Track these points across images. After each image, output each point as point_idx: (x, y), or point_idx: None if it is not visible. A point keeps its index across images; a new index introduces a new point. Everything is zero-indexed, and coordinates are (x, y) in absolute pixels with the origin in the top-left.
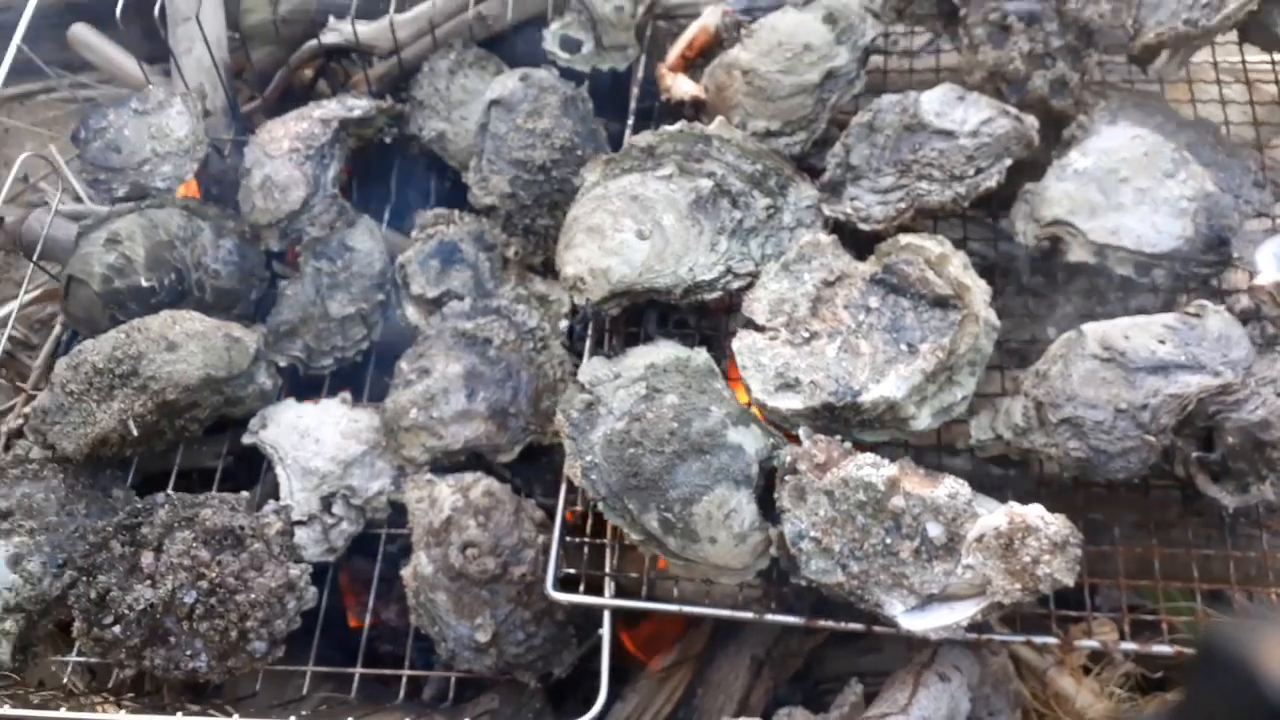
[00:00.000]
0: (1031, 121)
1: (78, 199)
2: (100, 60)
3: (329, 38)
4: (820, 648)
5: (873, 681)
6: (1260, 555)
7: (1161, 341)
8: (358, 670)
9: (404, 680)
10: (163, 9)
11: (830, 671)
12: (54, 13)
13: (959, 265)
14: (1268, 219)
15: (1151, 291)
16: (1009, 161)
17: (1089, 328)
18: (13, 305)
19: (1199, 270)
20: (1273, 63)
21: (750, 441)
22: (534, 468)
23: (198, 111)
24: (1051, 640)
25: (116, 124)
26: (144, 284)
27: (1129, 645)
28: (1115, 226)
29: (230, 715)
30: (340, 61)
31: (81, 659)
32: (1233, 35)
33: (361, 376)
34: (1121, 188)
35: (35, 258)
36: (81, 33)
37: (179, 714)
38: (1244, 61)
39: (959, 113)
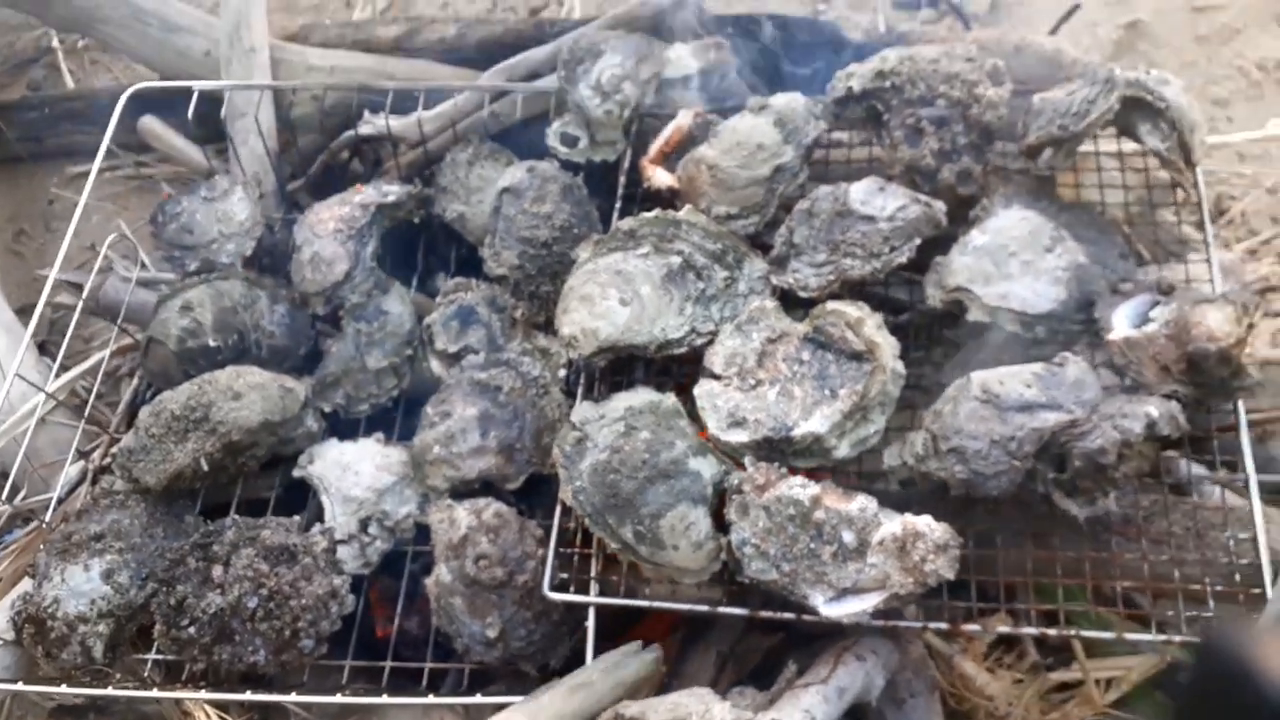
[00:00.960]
0: (940, 206)
1: (143, 267)
2: (164, 146)
3: (365, 129)
4: (777, 648)
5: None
6: (1110, 555)
7: (1028, 386)
8: (388, 664)
9: (426, 672)
10: (225, 109)
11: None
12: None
13: (873, 326)
14: (1130, 284)
15: (1035, 344)
16: (919, 241)
17: (975, 375)
18: (100, 356)
19: (1071, 328)
20: (1143, 154)
21: (706, 468)
22: (536, 494)
23: (255, 198)
24: (943, 625)
25: (189, 209)
26: (211, 344)
27: (973, 626)
28: (1005, 292)
29: (288, 693)
30: (372, 145)
31: (160, 656)
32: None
33: (393, 419)
34: (1010, 260)
35: (119, 320)
36: (150, 124)
37: (247, 691)
38: (1120, 152)
39: (879, 201)
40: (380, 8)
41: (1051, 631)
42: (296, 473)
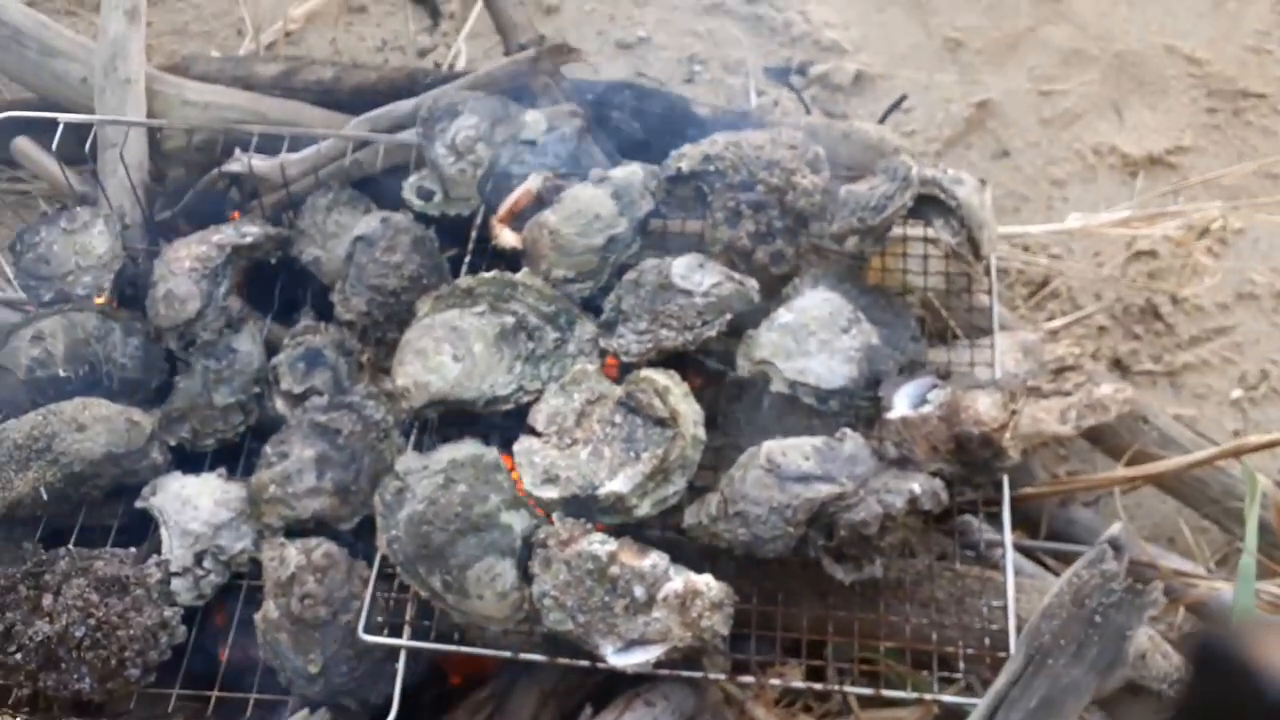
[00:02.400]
0: (753, 284)
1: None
2: (38, 169)
3: (231, 167)
4: (599, 687)
5: None
6: (877, 616)
7: (807, 458)
8: (215, 694)
9: (251, 703)
10: (94, 140)
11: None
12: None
13: (679, 395)
14: (919, 365)
15: (830, 415)
16: (729, 316)
17: (765, 444)
18: None
19: (860, 403)
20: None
21: (519, 522)
22: (370, 534)
23: (117, 231)
24: (720, 676)
25: (47, 240)
26: (61, 374)
27: (747, 678)
28: (803, 367)
29: None
30: (241, 183)
31: None
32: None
33: (239, 453)
34: (810, 339)
35: None
36: (24, 145)
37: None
38: (925, 239)
39: (697, 276)
40: (267, 42)
41: (817, 686)
42: (139, 504)
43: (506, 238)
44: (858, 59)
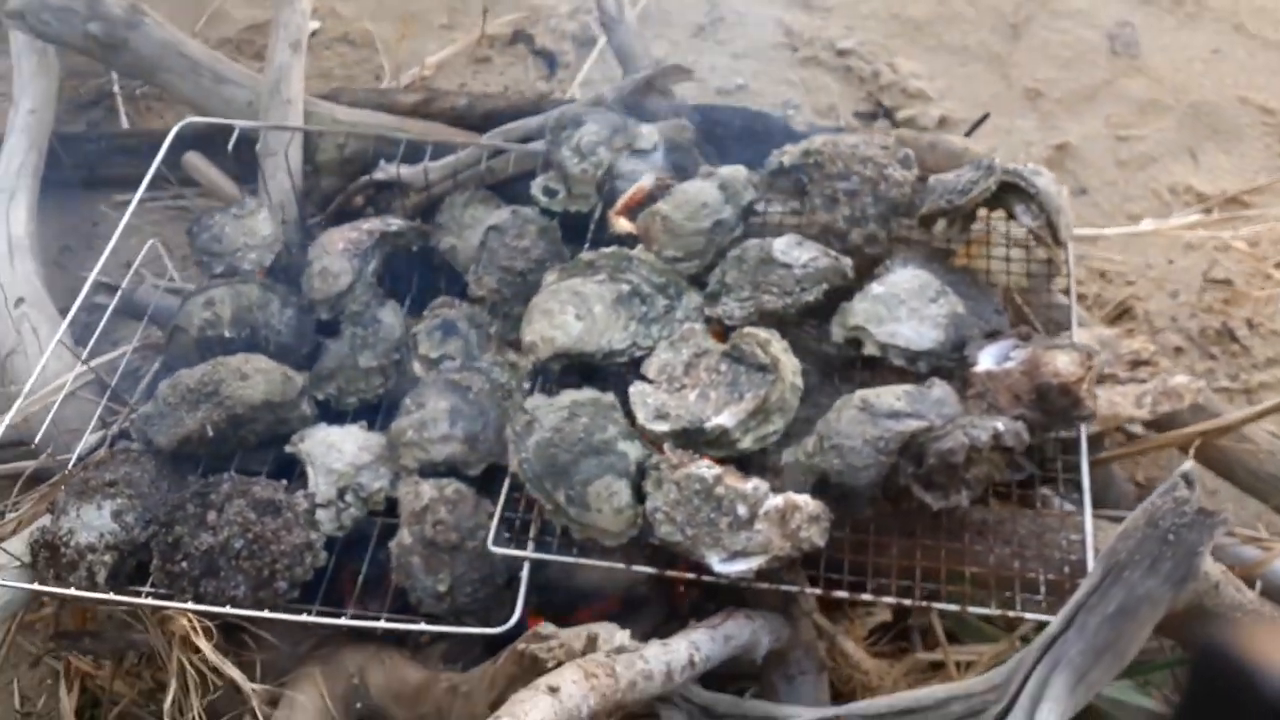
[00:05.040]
0: (847, 262)
1: (170, 280)
2: (204, 179)
3: (379, 175)
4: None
5: None
6: (962, 546)
7: (898, 399)
8: (348, 614)
9: (382, 622)
10: (260, 146)
11: None
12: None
13: (779, 347)
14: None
15: (917, 377)
16: (826, 286)
17: (858, 392)
18: (126, 348)
19: (947, 363)
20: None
21: (633, 451)
22: (494, 483)
23: (278, 220)
24: (805, 589)
25: (220, 223)
26: (227, 335)
27: (841, 593)
28: (893, 331)
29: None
30: (383, 192)
31: (153, 590)
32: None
33: (376, 415)
34: (900, 307)
35: (145, 319)
36: (193, 158)
37: (227, 605)
38: (1007, 236)
39: (796, 252)
40: (403, 84)
41: (907, 601)
42: (288, 448)
43: (622, 225)
44: (942, 105)
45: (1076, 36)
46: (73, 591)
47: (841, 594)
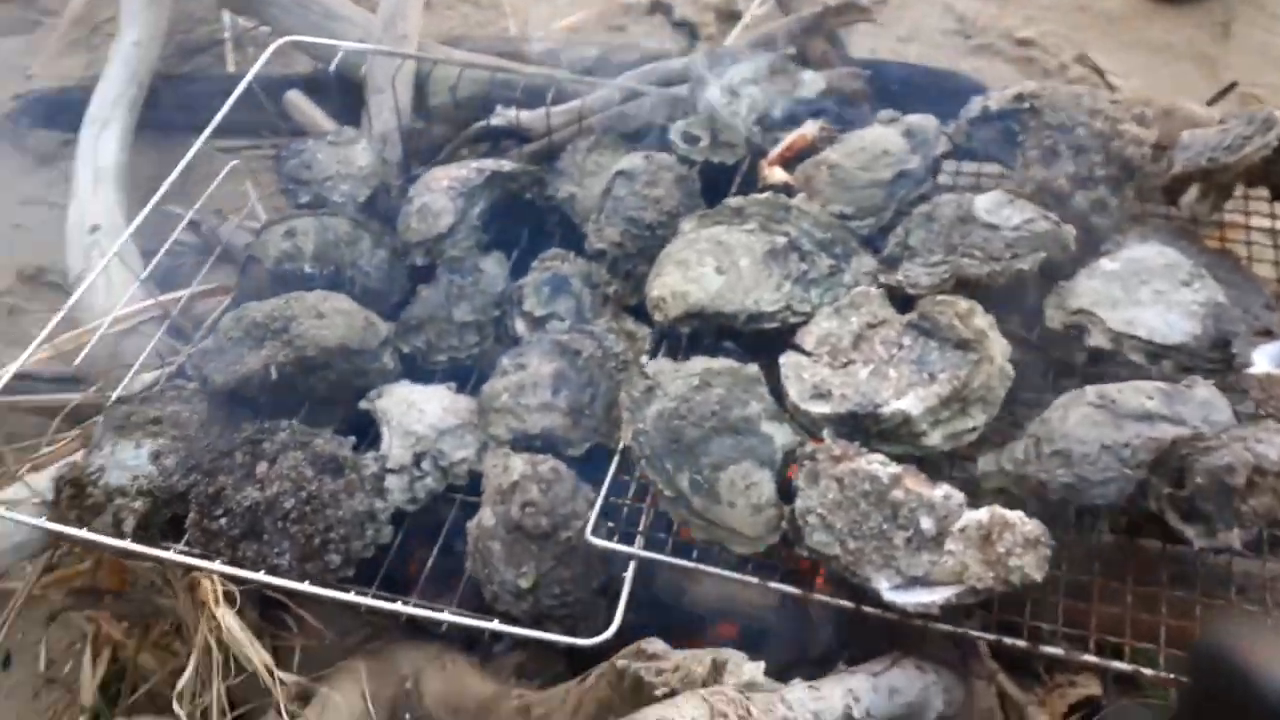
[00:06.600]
0: (1069, 229)
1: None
2: (306, 120)
3: (496, 121)
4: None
5: None
6: (1226, 602)
7: (1150, 398)
8: (412, 601)
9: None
10: (365, 78)
11: None
12: (272, 83)
13: (983, 320)
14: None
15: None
16: (1043, 255)
17: (1089, 387)
18: (196, 286)
19: (1204, 365)
20: None
21: (780, 435)
22: (596, 468)
23: (379, 153)
24: (1020, 642)
25: (313, 149)
26: (307, 270)
27: (1054, 649)
28: (1132, 318)
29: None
30: (498, 139)
31: (184, 549)
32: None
33: (468, 377)
34: (1142, 288)
35: (216, 253)
36: (295, 97)
37: (263, 573)
38: (1272, 216)
39: (1006, 211)
40: None
41: (1147, 671)
42: (363, 404)
43: (777, 174)
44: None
45: None
46: (91, 535)
47: (1054, 650)
